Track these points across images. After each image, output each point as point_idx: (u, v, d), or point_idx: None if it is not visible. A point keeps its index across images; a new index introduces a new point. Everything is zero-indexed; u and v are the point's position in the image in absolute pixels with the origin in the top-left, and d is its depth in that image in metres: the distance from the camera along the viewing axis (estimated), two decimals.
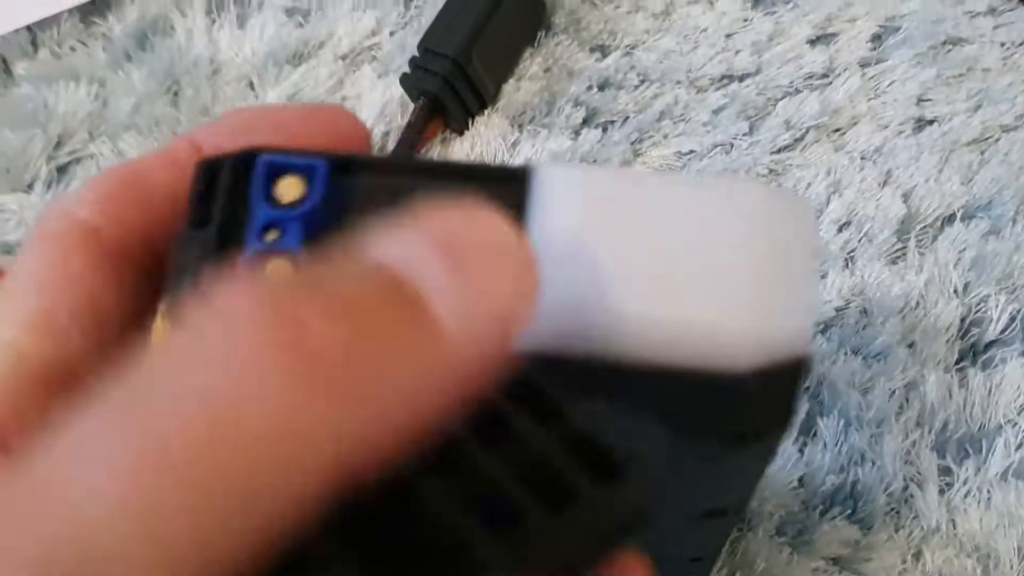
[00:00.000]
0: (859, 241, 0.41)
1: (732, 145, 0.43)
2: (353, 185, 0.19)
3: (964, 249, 0.40)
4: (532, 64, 0.46)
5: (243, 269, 0.18)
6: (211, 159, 0.19)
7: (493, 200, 0.17)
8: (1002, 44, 0.44)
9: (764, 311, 0.17)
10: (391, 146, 0.45)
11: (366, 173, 0.19)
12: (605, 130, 0.44)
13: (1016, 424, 0.38)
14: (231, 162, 0.19)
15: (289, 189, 0.19)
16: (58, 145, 0.46)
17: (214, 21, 0.48)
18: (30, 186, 0.45)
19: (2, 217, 0.45)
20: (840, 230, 0.41)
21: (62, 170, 0.46)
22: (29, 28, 0.48)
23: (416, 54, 0.44)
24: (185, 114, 0.46)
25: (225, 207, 0.19)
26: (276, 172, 0.19)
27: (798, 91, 0.44)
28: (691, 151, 0.43)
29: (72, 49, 0.48)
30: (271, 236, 0.19)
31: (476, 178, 0.19)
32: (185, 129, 0.46)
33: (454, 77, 0.43)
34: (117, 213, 0.19)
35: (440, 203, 0.15)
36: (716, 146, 0.43)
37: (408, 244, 0.14)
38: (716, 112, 0.44)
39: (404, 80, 0.44)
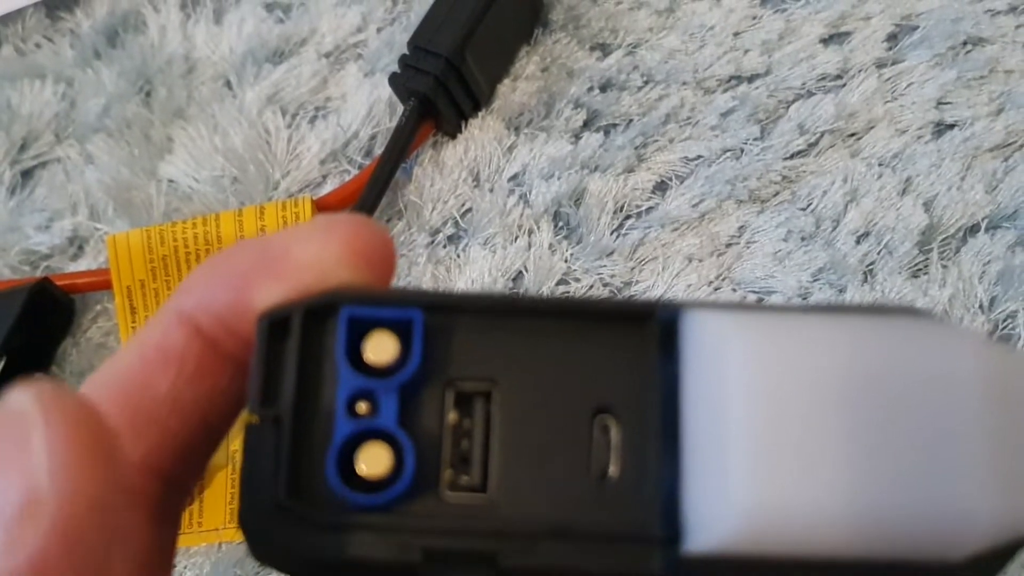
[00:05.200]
0: (879, 253, 0.38)
1: (742, 150, 0.41)
2: (457, 330, 0.16)
3: (989, 262, 0.38)
4: (529, 63, 0.43)
5: (333, 467, 0.15)
6: (275, 312, 0.16)
7: (625, 347, 0.15)
8: None
9: (1000, 491, 0.14)
10: (378, 150, 0.42)
11: (471, 318, 0.16)
12: (607, 133, 0.42)
13: None
14: (302, 315, 0.16)
15: (380, 349, 0.16)
16: (22, 148, 0.43)
17: (189, 16, 0.45)
18: None
19: None
20: (859, 242, 0.39)
21: (27, 174, 0.43)
22: None
23: (406, 52, 0.41)
24: (158, 115, 0.43)
25: (300, 376, 0.16)
26: (363, 328, 0.16)
27: (811, 93, 0.41)
28: (699, 156, 0.41)
29: (37, 46, 0.45)
30: (362, 409, 0.16)
31: (608, 318, 0.16)
32: (159, 132, 0.43)
33: (447, 77, 0.40)
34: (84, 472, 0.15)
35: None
36: (725, 151, 0.41)
37: None
38: (725, 115, 0.41)
39: (393, 80, 0.41)
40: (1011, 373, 0.15)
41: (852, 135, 0.41)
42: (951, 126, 0.41)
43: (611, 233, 0.40)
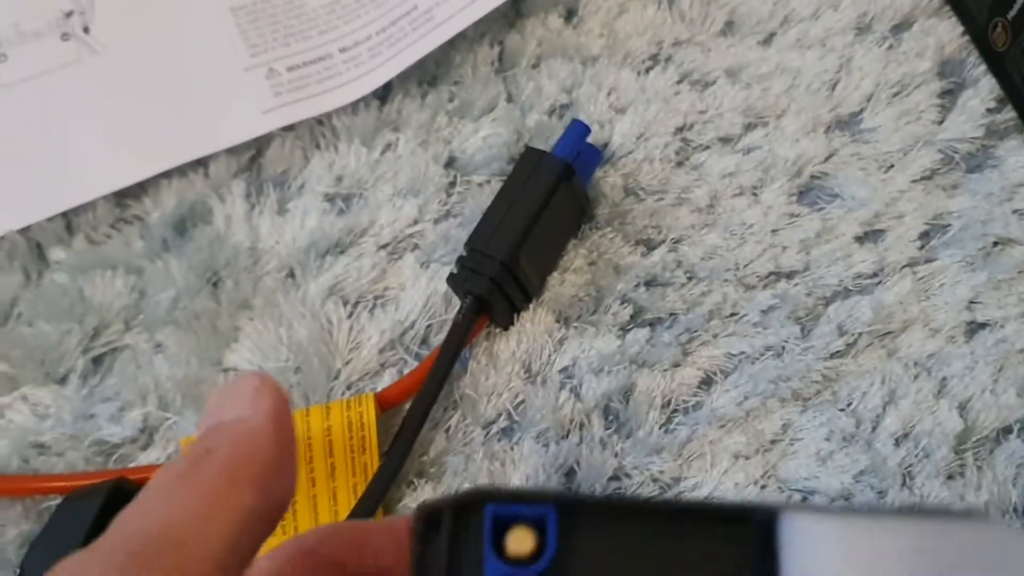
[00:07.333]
0: (916, 456, 0.40)
1: (784, 348, 0.43)
2: (583, 525, 0.19)
3: (1022, 464, 0.40)
4: (576, 256, 0.45)
5: None
6: (430, 505, 0.19)
7: (726, 545, 0.18)
8: None
9: None
10: (434, 339, 0.44)
11: (594, 516, 0.19)
12: (653, 328, 0.44)
13: None
14: (453, 510, 0.19)
15: (520, 542, 0.18)
16: (94, 336, 0.45)
17: (253, 206, 0.47)
18: (64, 379, 0.45)
19: (36, 412, 0.44)
20: (897, 444, 0.40)
21: (97, 361, 0.45)
22: (64, 213, 0.47)
23: (463, 253, 0.43)
24: (225, 307, 0.45)
25: (454, 561, 0.18)
26: (506, 522, 0.18)
27: (848, 291, 0.44)
28: (742, 352, 0.43)
29: (107, 236, 0.47)
30: None
31: (711, 519, 0.19)
32: (226, 323, 0.45)
33: (501, 278, 0.42)
34: None
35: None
36: (767, 348, 0.43)
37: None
38: (766, 312, 0.43)
39: (451, 279, 0.43)
40: None
41: (888, 334, 0.43)
42: (983, 325, 0.43)
43: (659, 428, 0.42)
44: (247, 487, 0.20)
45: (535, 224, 0.43)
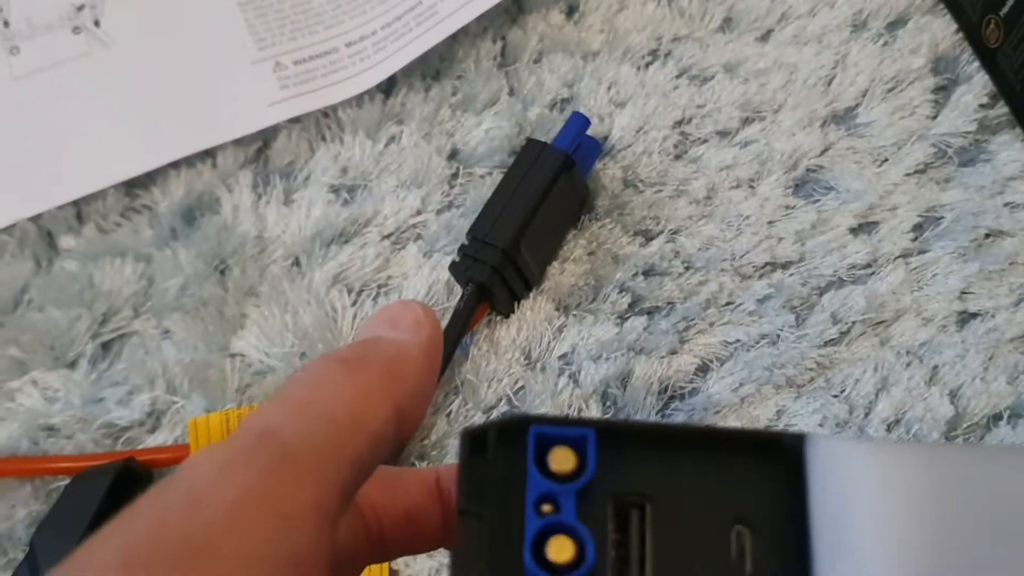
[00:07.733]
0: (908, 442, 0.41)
1: (779, 336, 0.43)
2: (618, 451, 0.19)
3: None
4: (576, 247, 0.46)
5: (529, 554, 0.18)
6: (474, 428, 0.20)
7: (755, 468, 0.19)
8: None
9: None
10: None
11: (630, 438, 0.20)
12: (651, 316, 0.45)
13: None
14: (497, 432, 0.20)
15: (562, 460, 0.19)
16: (103, 322, 0.46)
17: (260, 196, 0.48)
18: (73, 363, 0.45)
19: (45, 396, 0.45)
20: (889, 429, 0.41)
21: (106, 346, 0.46)
22: (74, 202, 0.48)
23: (464, 240, 0.44)
24: (232, 294, 0.46)
25: (498, 478, 0.19)
26: (548, 443, 0.19)
27: (842, 281, 0.44)
28: (738, 340, 0.44)
29: (117, 224, 0.48)
30: (546, 509, 0.19)
31: (743, 443, 0.19)
32: (233, 310, 0.46)
33: (503, 266, 0.43)
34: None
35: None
36: (763, 336, 0.44)
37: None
38: (761, 301, 0.44)
39: (453, 267, 0.44)
40: None
41: (881, 323, 0.44)
42: (974, 315, 0.43)
43: (656, 414, 0.43)
44: (391, 402, 0.20)
45: (536, 214, 0.44)
